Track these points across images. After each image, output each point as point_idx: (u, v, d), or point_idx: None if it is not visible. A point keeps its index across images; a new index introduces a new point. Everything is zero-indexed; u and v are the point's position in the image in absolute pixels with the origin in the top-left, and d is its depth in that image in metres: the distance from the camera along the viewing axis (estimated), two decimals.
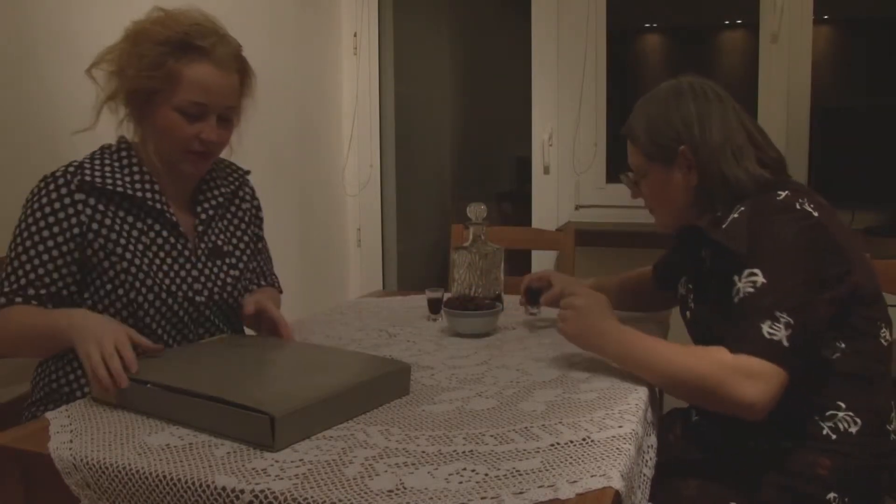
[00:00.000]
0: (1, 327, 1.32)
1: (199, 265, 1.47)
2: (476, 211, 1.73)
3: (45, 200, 1.35)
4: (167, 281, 1.41)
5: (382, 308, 1.92)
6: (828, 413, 1.26)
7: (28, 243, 1.35)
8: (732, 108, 1.38)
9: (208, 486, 0.91)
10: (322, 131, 3.17)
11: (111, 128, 1.44)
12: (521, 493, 0.88)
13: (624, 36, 4.20)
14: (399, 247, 3.52)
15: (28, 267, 1.34)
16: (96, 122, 1.41)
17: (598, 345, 1.34)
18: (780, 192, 1.28)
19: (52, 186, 1.36)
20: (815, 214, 1.24)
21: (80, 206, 1.36)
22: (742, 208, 1.30)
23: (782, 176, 1.37)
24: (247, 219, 1.61)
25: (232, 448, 1.00)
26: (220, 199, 1.55)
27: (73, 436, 1.05)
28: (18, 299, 1.33)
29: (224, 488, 0.90)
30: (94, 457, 0.98)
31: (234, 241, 1.57)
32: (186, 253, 1.46)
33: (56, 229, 1.35)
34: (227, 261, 1.53)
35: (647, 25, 4.30)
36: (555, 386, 1.28)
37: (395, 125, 3.43)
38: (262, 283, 1.65)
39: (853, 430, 1.25)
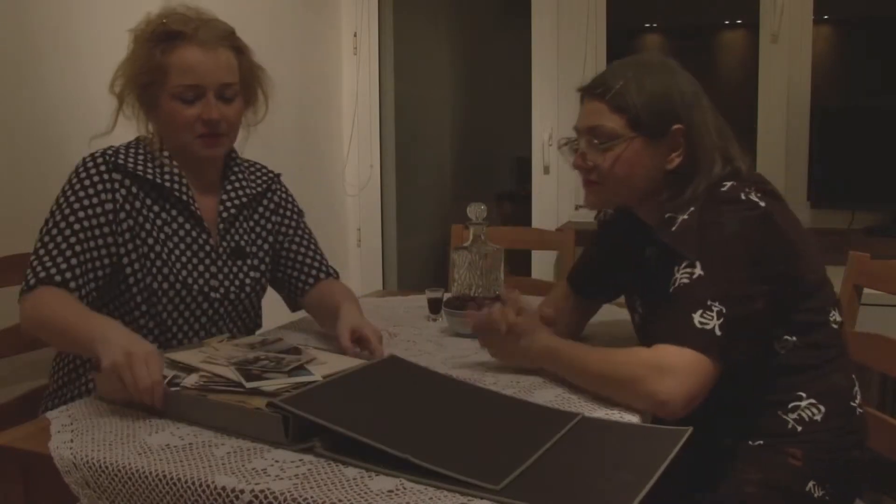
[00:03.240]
0: (34, 310, 1.30)
1: (220, 262, 1.48)
2: (476, 211, 1.73)
3: (83, 175, 1.37)
4: (184, 272, 1.42)
5: (382, 308, 1.92)
6: (790, 406, 1.25)
7: (63, 224, 1.34)
8: (708, 100, 1.33)
9: (208, 486, 0.91)
10: (322, 131, 3.17)
11: (125, 132, 1.47)
12: None
13: (624, 36, 4.20)
14: (399, 247, 3.52)
15: (63, 246, 1.33)
16: (113, 128, 1.44)
17: (521, 357, 1.32)
18: (724, 183, 1.25)
19: (90, 164, 1.38)
20: (762, 204, 1.22)
21: (116, 185, 1.38)
22: (692, 209, 1.25)
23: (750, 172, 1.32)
24: (274, 219, 1.60)
25: (232, 448, 1.00)
26: (245, 200, 1.54)
27: (74, 435, 1.05)
28: (58, 278, 1.31)
29: (224, 488, 0.90)
30: (94, 456, 0.98)
31: (259, 242, 1.56)
32: (207, 248, 1.46)
33: (91, 211, 1.35)
34: (249, 262, 1.53)
35: (647, 25, 4.30)
36: (555, 386, 1.28)
37: (395, 125, 3.43)
38: (322, 274, 1.63)
39: (818, 417, 1.24)
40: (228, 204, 1.51)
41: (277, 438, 1.00)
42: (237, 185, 1.54)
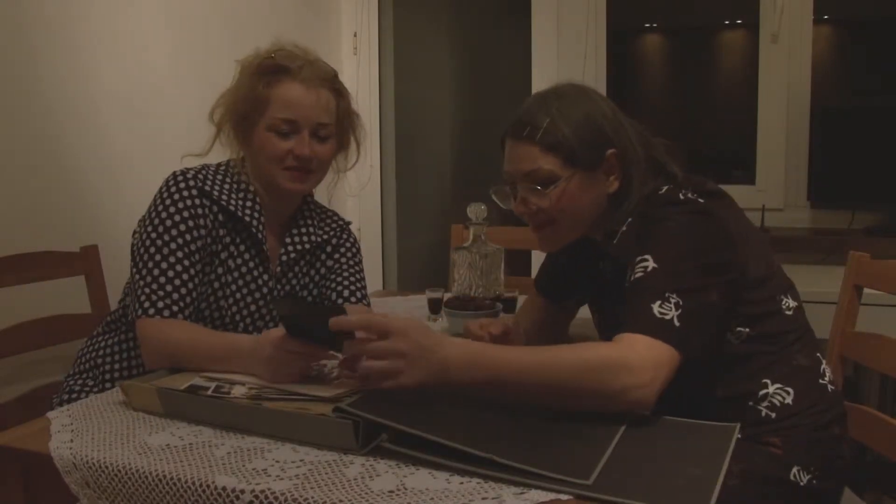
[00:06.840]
0: (162, 346, 1.30)
1: (270, 306, 1.49)
2: (476, 211, 1.73)
3: (176, 198, 1.38)
4: (234, 308, 1.44)
5: (383, 308, 1.92)
6: (760, 394, 1.25)
7: (166, 250, 1.35)
8: (623, 115, 1.33)
9: (208, 486, 0.91)
10: None
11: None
12: (521, 493, 0.88)
13: (624, 36, 4.20)
14: (399, 247, 3.52)
15: (171, 274, 1.34)
16: (208, 152, 1.47)
17: (447, 378, 1.05)
18: (661, 188, 1.27)
19: (182, 185, 1.39)
20: (701, 201, 1.23)
21: (206, 210, 1.40)
22: (629, 220, 1.28)
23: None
24: (329, 263, 1.60)
25: (232, 448, 1.00)
26: (308, 246, 1.54)
27: (74, 435, 1.05)
28: (178, 312, 1.33)
29: (224, 488, 0.90)
30: (94, 456, 0.98)
31: (311, 287, 1.57)
32: (265, 290, 1.48)
33: (190, 236, 1.37)
34: None
35: (647, 25, 4.30)
36: None
37: (395, 125, 3.43)
38: (353, 298, 1.59)
39: (789, 400, 1.24)
40: (290, 248, 1.52)
41: (347, 445, 0.98)
42: (304, 230, 1.55)
